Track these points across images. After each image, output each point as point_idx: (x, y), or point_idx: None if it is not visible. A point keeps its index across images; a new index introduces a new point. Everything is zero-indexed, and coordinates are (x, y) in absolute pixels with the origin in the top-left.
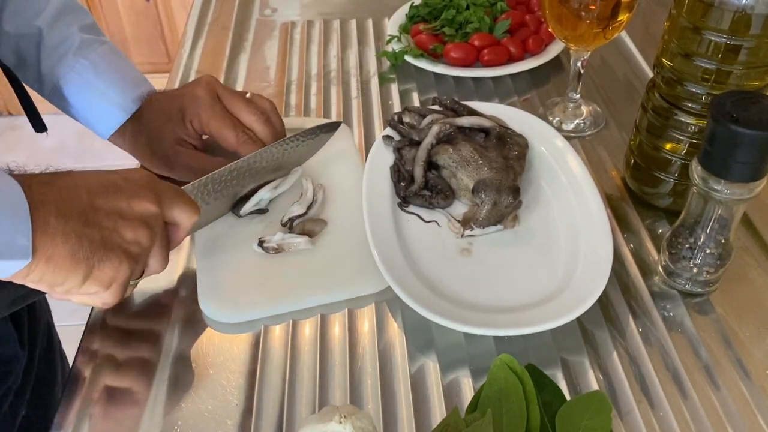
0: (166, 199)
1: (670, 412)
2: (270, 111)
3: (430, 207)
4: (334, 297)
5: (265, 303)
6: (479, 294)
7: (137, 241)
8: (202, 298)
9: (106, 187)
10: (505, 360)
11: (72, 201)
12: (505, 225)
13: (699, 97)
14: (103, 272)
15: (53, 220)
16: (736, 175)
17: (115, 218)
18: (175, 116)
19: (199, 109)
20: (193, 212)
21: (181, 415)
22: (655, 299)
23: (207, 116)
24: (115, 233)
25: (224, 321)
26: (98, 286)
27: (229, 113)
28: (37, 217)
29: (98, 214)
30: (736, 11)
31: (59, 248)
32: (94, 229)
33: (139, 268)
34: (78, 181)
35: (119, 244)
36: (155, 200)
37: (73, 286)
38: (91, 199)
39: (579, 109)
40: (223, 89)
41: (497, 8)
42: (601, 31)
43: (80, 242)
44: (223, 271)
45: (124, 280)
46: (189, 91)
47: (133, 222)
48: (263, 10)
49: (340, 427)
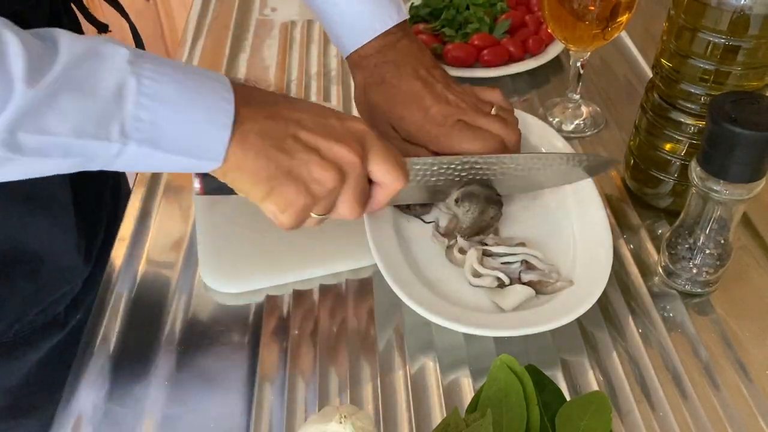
0: (374, 155)
1: (670, 412)
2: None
3: (407, 213)
4: (335, 268)
5: (267, 272)
6: (479, 294)
7: (322, 181)
8: (203, 268)
9: (316, 124)
10: (505, 360)
11: (278, 126)
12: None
13: (698, 98)
14: (281, 196)
15: (252, 138)
16: (735, 175)
17: (311, 153)
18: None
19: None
20: (399, 177)
21: (185, 397)
22: (654, 299)
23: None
24: (304, 167)
25: (225, 291)
26: (275, 206)
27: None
28: (239, 130)
29: (296, 145)
30: (734, 12)
31: (249, 162)
32: (286, 156)
33: (322, 206)
34: (293, 110)
35: (304, 178)
36: (359, 151)
37: (255, 199)
38: (297, 131)
39: (579, 109)
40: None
41: (497, 9)
42: (600, 31)
43: (268, 163)
44: (223, 241)
45: (299, 209)
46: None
47: (326, 163)
48: (263, 10)
49: (340, 427)
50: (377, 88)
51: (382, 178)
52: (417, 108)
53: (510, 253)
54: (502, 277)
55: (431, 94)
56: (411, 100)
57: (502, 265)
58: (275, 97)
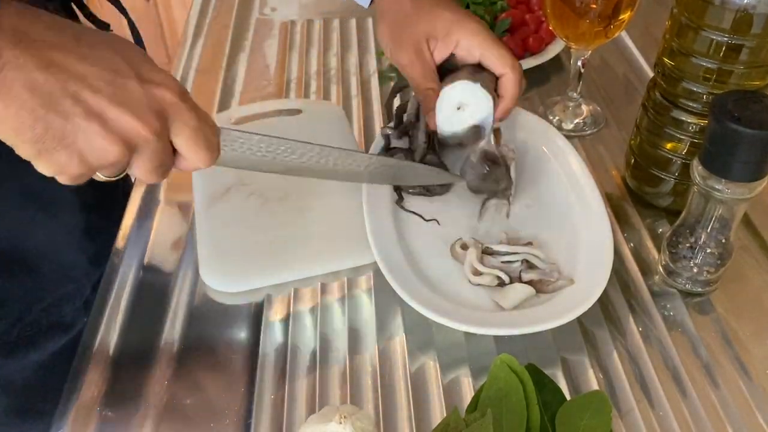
0: (179, 129)
1: (670, 411)
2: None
3: (407, 211)
4: (335, 267)
5: (267, 272)
6: (479, 293)
7: (102, 155)
8: (203, 268)
9: (106, 84)
10: (505, 360)
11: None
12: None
13: (700, 97)
14: (51, 161)
15: (18, 89)
16: (737, 174)
17: (91, 121)
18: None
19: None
20: (204, 158)
21: (184, 393)
22: (655, 298)
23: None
24: (82, 134)
25: (225, 290)
26: (44, 170)
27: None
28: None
29: (75, 108)
30: (737, 11)
31: (11, 119)
32: (60, 119)
33: (108, 171)
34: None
35: (79, 147)
36: (155, 127)
37: (23, 156)
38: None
39: (579, 108)
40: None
41: (497, 7)
42: (602, 29)
43: (35, 124)
44: (223, 241)
45: (74, 175)
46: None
47: (110, 135)
48: (263, 9)
49: (340, 427)
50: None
51: (186, 154)
52: (451, 8)
53: (511, 252)
54: (502, 276)
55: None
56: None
57: (502, 264)
58: (62, 36)
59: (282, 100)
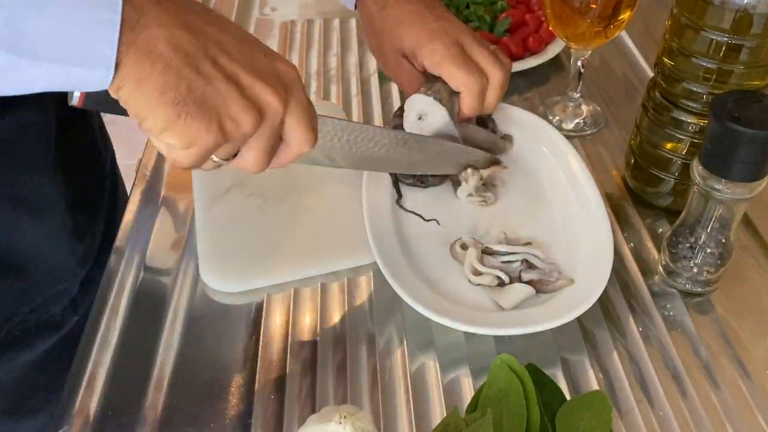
0: (296, 106)
1: (670, 411)
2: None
3: (407, 210)
4: (335, 267)
5: (267, 272)
6: (479, 293)
7: (239, 121)
8: (203, 268)
9: (241, 53)
10: (505, 360)
11: (196, 41)
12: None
13: (700, 97)
14: (187, 129)
15: (162, 46)
16: (737, 174)
17: (230, 85)
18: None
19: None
20: (309, 140)
21: (183, 395)
22: (655, 298)
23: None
24: (221, 99)
25: (225, 290)
26: (176, 140)
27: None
28: (144, 32)
29: (215, 71)
30: (737, 11)
31: (155, 76)
32: (203, 80)
33: (227, 149)
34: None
35: (218, 111)
36: (283, 97)
37: (153, 127)
38: (217, 54)
39: (579, 108)
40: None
41: (497, 7)
42: (602, 29)
43: (179, 83)
44: (223, 241)
45: (204, 149)
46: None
47: (247, 102)
48: (263, 9)
49: (340, 427)
50: (381, 13)
51: (294, 135)
52: (419, 23)
53: (510, 252)
54: (502, 276)
55: (433, 13)
56: (414, 17)
57: (502, 264)
58: (196, 5)
59: None
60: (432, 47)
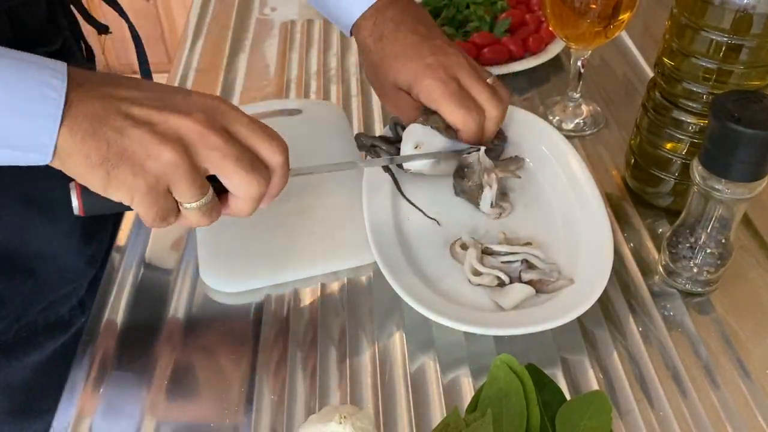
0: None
1: (670, 411)
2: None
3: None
4: (335, 267)
5: (267, 272)
6: (479, 293)
7: (156, 155)
8: (203, 268)
9: (151, 99)
10: (505, 360)
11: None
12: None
13: (700, 97)
14: (119, 181)
15: (81, 120)
16: (737, 174)
17: (142, 128)
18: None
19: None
20: (278, 147)
21: (183, 396)
22: (655, 298)
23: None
24: (136, 143)
25: (225, 290)
26: (119, 196)
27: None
28: (69, 114)
29: (127, 122)
30: (737, 11)
31: (78, 146)
32: (117, 134)
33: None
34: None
35: (138, 156)
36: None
37: (97, 189)
38: (128, 108)
39: (579, 108)
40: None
41: (497, 7)
42: (602, 29)
43: (98, 145)
44: (223, 241)
45: (143, 194)
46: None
47: (160, 136)
48: (263, 9)
49: (340, 427)
50: (377, 45)
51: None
52: (416, 57)
53: (510, 252)
54: (502, 276)
55: (430, 46)
56: (410, 51)
57: (502, 264)
58: (116, 79)
59: (282, 100)
60: (428, 83)
